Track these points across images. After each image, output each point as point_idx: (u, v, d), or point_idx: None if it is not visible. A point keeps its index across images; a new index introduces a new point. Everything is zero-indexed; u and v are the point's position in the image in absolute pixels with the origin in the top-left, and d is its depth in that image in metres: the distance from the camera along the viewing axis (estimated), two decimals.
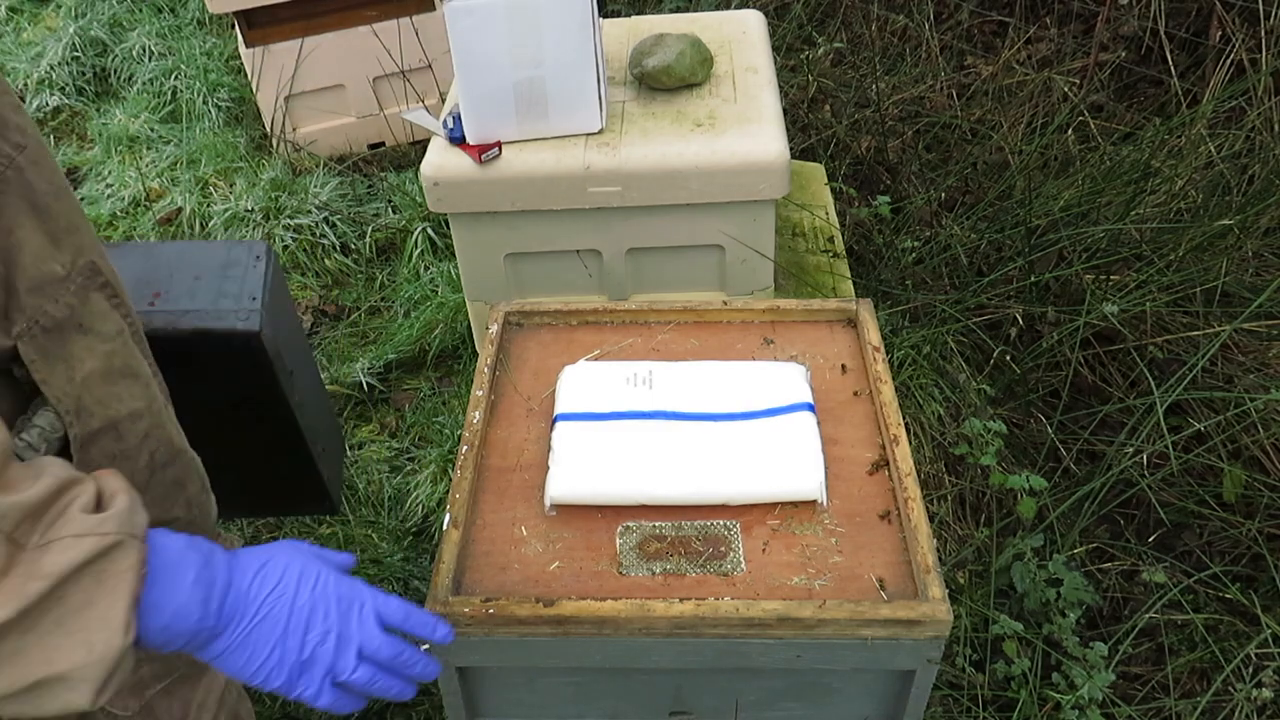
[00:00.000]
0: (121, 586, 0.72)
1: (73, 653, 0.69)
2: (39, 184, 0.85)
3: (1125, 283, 2.21)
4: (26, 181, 0.84)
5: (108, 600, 0.71)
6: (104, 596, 0.71)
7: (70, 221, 0.89)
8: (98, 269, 0.92)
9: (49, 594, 0.68)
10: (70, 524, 0.71)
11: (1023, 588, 1.77)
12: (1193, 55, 2.89)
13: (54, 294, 0.85)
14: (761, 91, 2.00)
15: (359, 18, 3.18)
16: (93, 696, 0.71)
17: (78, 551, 0.70)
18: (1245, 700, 1.62)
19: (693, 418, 1.28)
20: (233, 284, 1.29)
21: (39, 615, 0.68)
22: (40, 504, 0.70)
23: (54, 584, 0.68)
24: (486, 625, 1.10)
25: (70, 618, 0.69)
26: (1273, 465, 1.92)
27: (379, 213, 3.11)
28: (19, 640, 0.67)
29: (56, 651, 0.69)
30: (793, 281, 2.13)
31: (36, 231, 0.84)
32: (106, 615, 0.71)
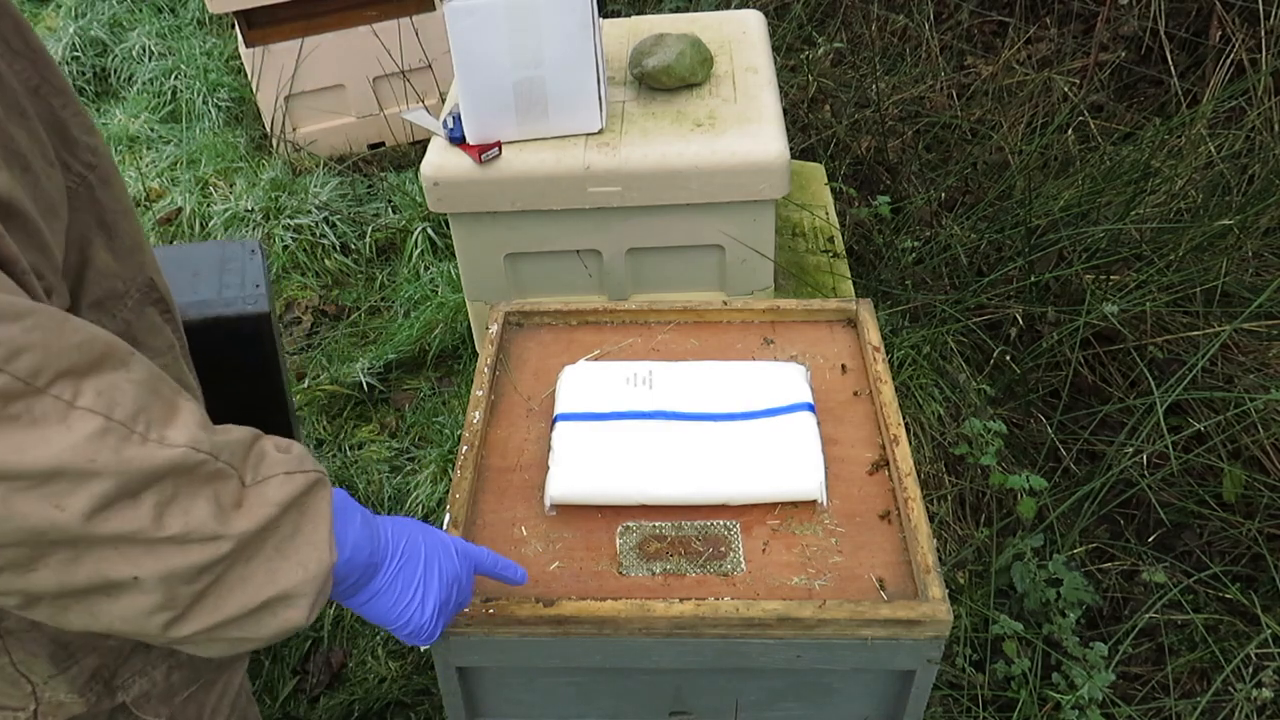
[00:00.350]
0: (322, 516, 0.80)
1: (291, 573, 0.77)
2: (108, 202, 0.89)
3: (1125, 283, 2.21)
4: (96, 200, 0.87)
5: (311, 526, 0.79)
6: (308, 524, 0.78)
7: (135, 240, 0.93)
8: (154, 285, 0.95)
9: (269, 523, 0.75)
10: (275, 463, 0.78)
11: (1023, 588, 1.77)
12: (1193, 55, 2.89)
13: (112, 309, 0.89)
14: (761, 91, 2.00)
15: (359, 18, 3.19)
16: (308, 611, 0.79)
17: (292, 486, 0.77)
18: (1245, 700, 1.62)
19: (693, 418, 1.28)
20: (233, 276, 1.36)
21: (261, 543, 0.75)
22: (247, 445, 0.77)
23: (279, 510, 0.76)
24: (486, 625, 1.10)
25: (285, 544, 0.77)
26: (1273, 465, 1.92)
27: (379, 213, 3.11)
28: (244, 567, 0.74)
29: (278, 573, 0.76)
30: (793, 281, 2.13)
31: (103, 249, 0.88)
32: (314, 539, 0.78)
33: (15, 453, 0.63)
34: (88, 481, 0.66)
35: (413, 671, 1.90)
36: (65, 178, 0.84)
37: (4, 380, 0.63)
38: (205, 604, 0.74)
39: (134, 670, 0.97)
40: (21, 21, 0.81)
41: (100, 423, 0.67)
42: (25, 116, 0.78)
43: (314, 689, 1.90)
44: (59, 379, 0.66)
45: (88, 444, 0.66)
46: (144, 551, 0.69)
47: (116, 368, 0.69)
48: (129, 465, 0.67)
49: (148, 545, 0.69)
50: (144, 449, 0.68)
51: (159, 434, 0.70)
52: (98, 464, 0.66)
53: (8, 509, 0.64)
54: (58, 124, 0.84)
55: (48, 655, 0.91)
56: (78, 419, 0.66)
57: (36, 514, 0.65)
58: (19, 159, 0.75)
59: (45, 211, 0.77)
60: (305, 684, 1.90)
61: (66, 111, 0.85)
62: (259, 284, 1.36)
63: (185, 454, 0.70)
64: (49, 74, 0.83)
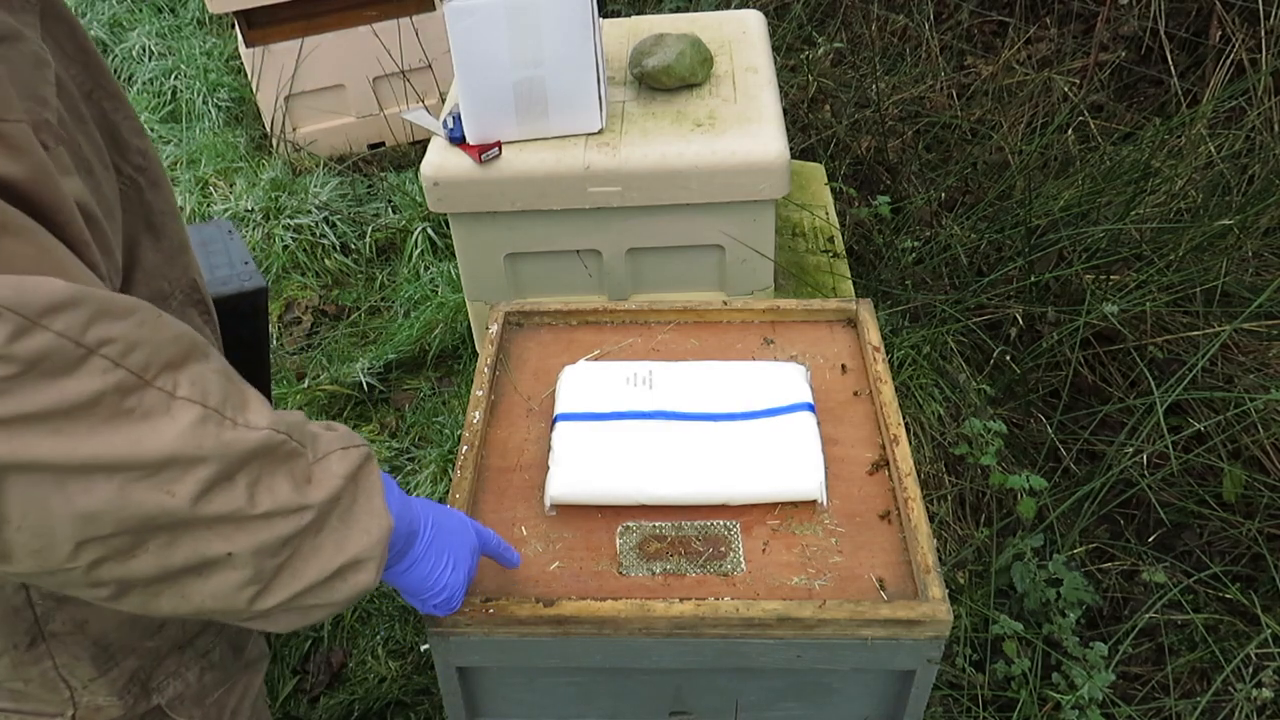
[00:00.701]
0: (376, 486, 0.85)
1: (358, 539, 0.81)
2: (156, 204, 0.91)
3: (1125, 283, 2.21)
4: (145, 201, 0.90)
5: (367, 496, 0.83)
6: (364, 495, 0.83)
7: (180, 240, 0.95)
8: (196, 286, 0.98)
9: (337, 494, 0.80)
10: (330, 440, 0.82)
11: (1023, 588, 1.77)
12: (1193, 55, 2.89)
13: None
14: (761, 91, 2.00)
15: (359, 18, 3.19)
16: (376, 573, 0.84)
17: (350, 460, 0.82)
18: (1245, 700, 1.62)
19: (693, 418, 1.28)
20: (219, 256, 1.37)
21: (328, 514, 0.79)
22: (302, 423, 0.81)
23: (344, 481, 0.80)
24: (486, 625, 1.10)
25: (348, 514, 0.81)
26: (1273, 465, 1.92)
27: (379, 213, 3.11)
28: (316, 538, 0.79)
29: (346, 541, 0.81)
30: (793, 281, 2.13)
31: (151, 249, 0.91)
32: (371, 508, 0.83)
33: (132, 445, 0.67)
34: (195, 467, 0.70)
35: (413, 671, 1.90)
36: (117, 180, 0.86)
37: (121, 375, 0.66)
38: (285, 575, 0.77)
39: (168, 672, 1.00)
40: (76, 26, 0.83)
41: (199, 410, 0.70)
42: (83, 121, 0.81)
43: (314, 689, 1.90)
44: (162, 372, 0.69)
45: (192, 431, 0.69)
46: (237, 529, 0.73)
47: (201, 359, 0.73)
48: (228, 449, 0.71)
49: (242, 523, 0.73)
50: (235, 432, 0.72)
51: (244, 418, 0.73)
52: (204, 449, 0.70)
53: (124, 498, 0.67)
54: (110, 127, 0.86)
55: (90, 658, 0.92)
56: (179, 409, 0.69)
57: (150, 501, 0.68)
58: (84, 163, 0.78)
59: (106, 215, 0.80)
60: (305, 684, 1.91)
61: (118, 115, 0.87)
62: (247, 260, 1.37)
63: (269, 435, 0.75)
64: (102, 78, 0.85)
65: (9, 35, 0.70)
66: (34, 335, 0.62)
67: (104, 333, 0.65)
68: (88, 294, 0.65)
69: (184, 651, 1.00)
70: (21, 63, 0.70)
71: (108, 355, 0.66)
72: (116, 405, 0.66)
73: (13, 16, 0.72)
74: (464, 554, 1.00)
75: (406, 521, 0.92)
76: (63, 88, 0.77)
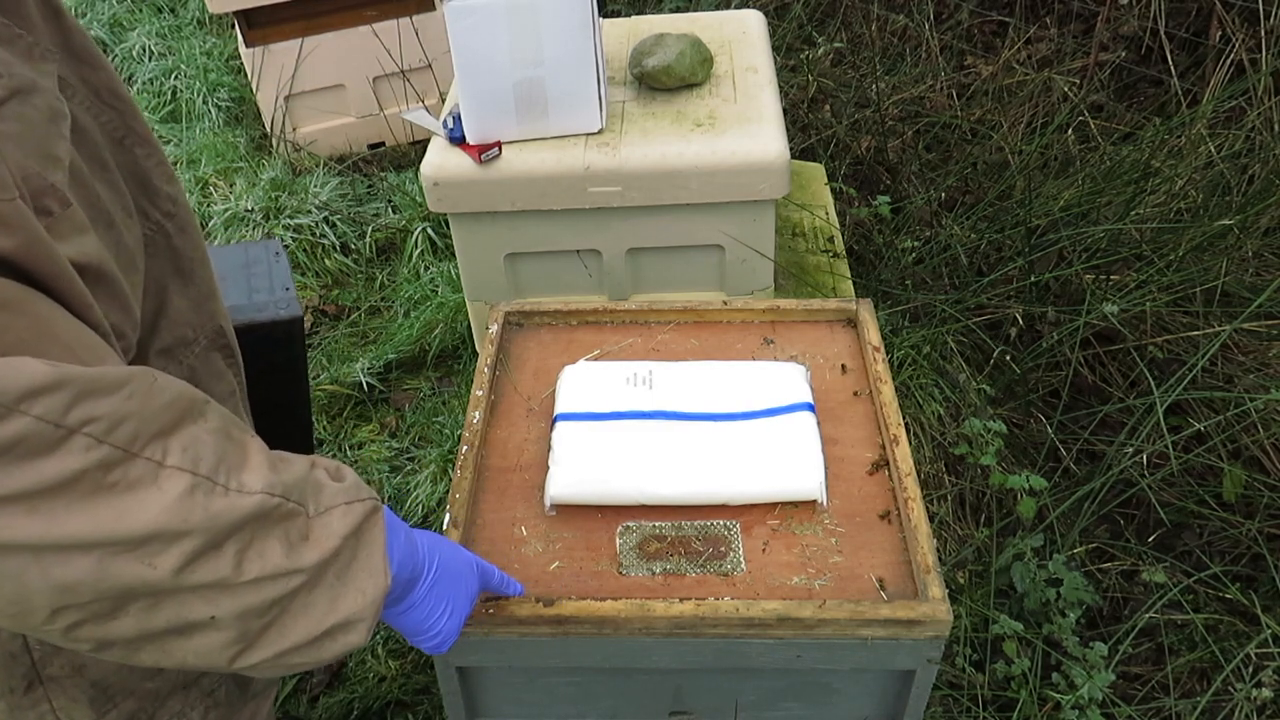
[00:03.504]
0: (378, 543, 0.82)
1: (352, 599, 0.79)
2: (185, 250, 0.91)
3: (1125, 283, 2.21)
4: (174, 248, 0.90)
5: (368, 554, 0.81)
6: (364, 552, 0.81)
7: (208, 287, 0.95)
8: (222, 331, 0.97)
9: (333, 554, 0.78)
10: (334, 494, 0.80)
11: (1023, 588, 1.77)
12: (1193, 55, 2.89)
13: (180, 356, 0.91)
14: (761, 91, 2.00)
15: (359, 18, 3.18)
16: (366, 635, 0.82)
17: (352, 517, 0.80)
18: (1245, 700, 1.62)
19: (693, 418, 1.28)
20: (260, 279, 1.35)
21: (324, 572, 0.77)
22: (306, 477, 0.79)
23: (341, 541, 0.78)
24: (486, 625, 1.10)
25: (344, 571, 0.79)
26: (1273, 465, 1.92)
27: (379, 213, 3.11)
28: (308, 596, 0.76)
29: (339, 600, 0.79)
30: (793, 281, 2.13)
31: (179, 295, 0.90)
32: (370, 566, 0.81)
33: (116, 520, 0.66)
34: (179, 540, 0.68)
35: (413, 671, 1.90)
36: (143, 225, 0.85)
37: (105, 452, 0.65)
38: (271, 634, 0.76)
39: (172, 712, 0.98)
40: (113, 73, 0.83)
41: (188, 480, 0.69)
42: (106, 169, 0.80)
43: (314, 688, 1.90)
44: (151, 441, 0.68)
45: (179, 504, 0.68)
46: (224, 594, 0.72)
47: (196, 419, 0.71)
48: (216, 520, 0.70)
49: (228, 589, 0.72)
50: (227, 500, 0.71)
51: (238, 482, 0.72)
52: (190, 522, 0.68)
53: (102, 571, 0.66)
54: (140, 173, 0.85)
55: (88, 700, 0.92)
56: (167, 478, 0.68)
57: (130, 573, 0.67)
58: (103, 216, 0.77)
59: (126, 266, 0.79)
60: (305, 683, 1.90)
61: (150, 161, 0.87)
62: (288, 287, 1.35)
63: (263, 500, 0.73)
64: (135, 124, 0.85)
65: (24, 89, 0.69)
66: (10, 421, 0.61)
67: (88, 412, 0.64)
68: (70, 375, 0.64)
69: (188, 691, 0.99)
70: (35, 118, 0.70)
71: (91, 434, 0.65)
72: (99, 481, 0.65)
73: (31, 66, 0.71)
74: (463, 601, 0.98)
75: (409, 567, 0.90)
76: (87, 135, 0.77)
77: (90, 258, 0.72)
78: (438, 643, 0.97)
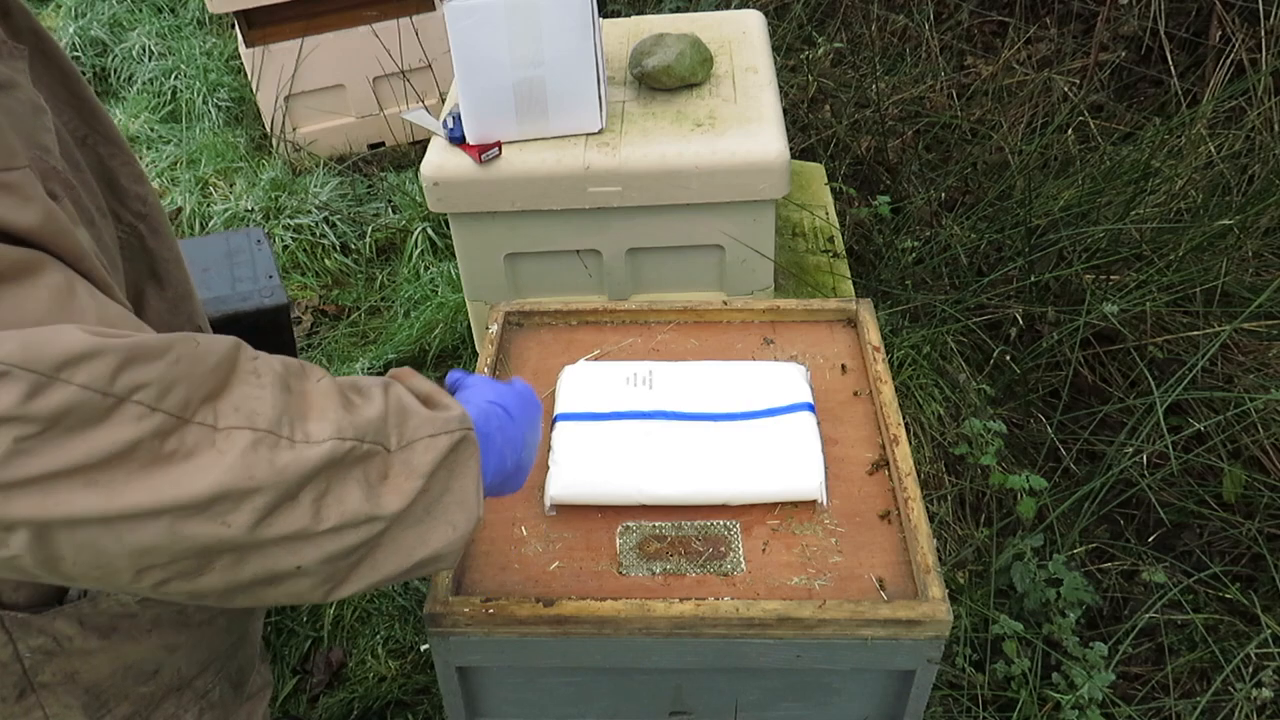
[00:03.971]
0: (470, 473, 0.79)
1: (443, 534, 0.78)
2: (159, 251, 0.89)
3: (1125, 283, 2.21)
4: (148, 249, 0.88)
5: (460, 484, 0.78)
6: (457, 482, 0.78)
7: (186, 288, 0.93)
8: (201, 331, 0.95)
9: (419, 494, 0.75)
10: (421, 424, 0.77)
11: (1023, 588, 1.77)
12: (1193, 55, 2.89)
13: None
14: (761, 91, 2.00)
15: (359, 18, 3.18)
16: (455, 563, 0.81)
17: (438, 450, 0.77)
18: (1245, 700, 1.62)
19: (693, 418, 1.28)
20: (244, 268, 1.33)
21: (407, 514, 0.75)
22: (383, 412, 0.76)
23: (425, 479, 0.75)
24: (486, 625, 1.10)
25: (435, 505, 0.77)
26: (1273, 465, 1.92)
27: (379, 213, 3.11)
28: (398, 532, 0.75)
29: (430, 534, 0.77)
30: (793, 281, 2.13)
31: (155, 298, 0.88)
32: (463, 499, 0.79)
33: (174, 487, 0.64)
34: (250, 497, 0.67)
35: (413, 671, 1.90)
36: (116, 228, 0.83)
37: (159, 420, 0.64)
38: (361, 570, 0.75)
39: (166, 715, 0.98)
40: (70, 71, 0.80)
41: (249, 437, 0.67)
42: (78, 168, 0.78)
43: (314, 688, 1.90)
44: (203, 405, 0.66)
45: (242, 461, 0.66)
46: (305, 543, 0.71)
47: (248, 377, 0.70)
48: (285, 473, 0.68)
49: (310, 539, 0.71)
50: (294, 452, 0.69)
51: (303, 432, 0.70)
52: (257, 479, 0.67)
53: (174, 535, 0.65)
54: (107, 174, 0.84)
55: (81, 706, 0.91)
56: (225, 439, 0.66)
57: (205, 533, 0.66)
58: (85, 212, 0.75)
59: (109, 266, 0.77)
60: (305, 683, 1.90)
61: (115, 161, 0.85)
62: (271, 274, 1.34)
63: (333, 447, 0.71)
64: (96, 124, 0.82)
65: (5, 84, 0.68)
66: (53, 390, 0.59)
67: (135, 379, 0.63)
68: (111, 342, 0.62)
69: (181, 693, 0.98)
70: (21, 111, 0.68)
71: (142, 401, 0.63)
72: (156, 450, 0.64)
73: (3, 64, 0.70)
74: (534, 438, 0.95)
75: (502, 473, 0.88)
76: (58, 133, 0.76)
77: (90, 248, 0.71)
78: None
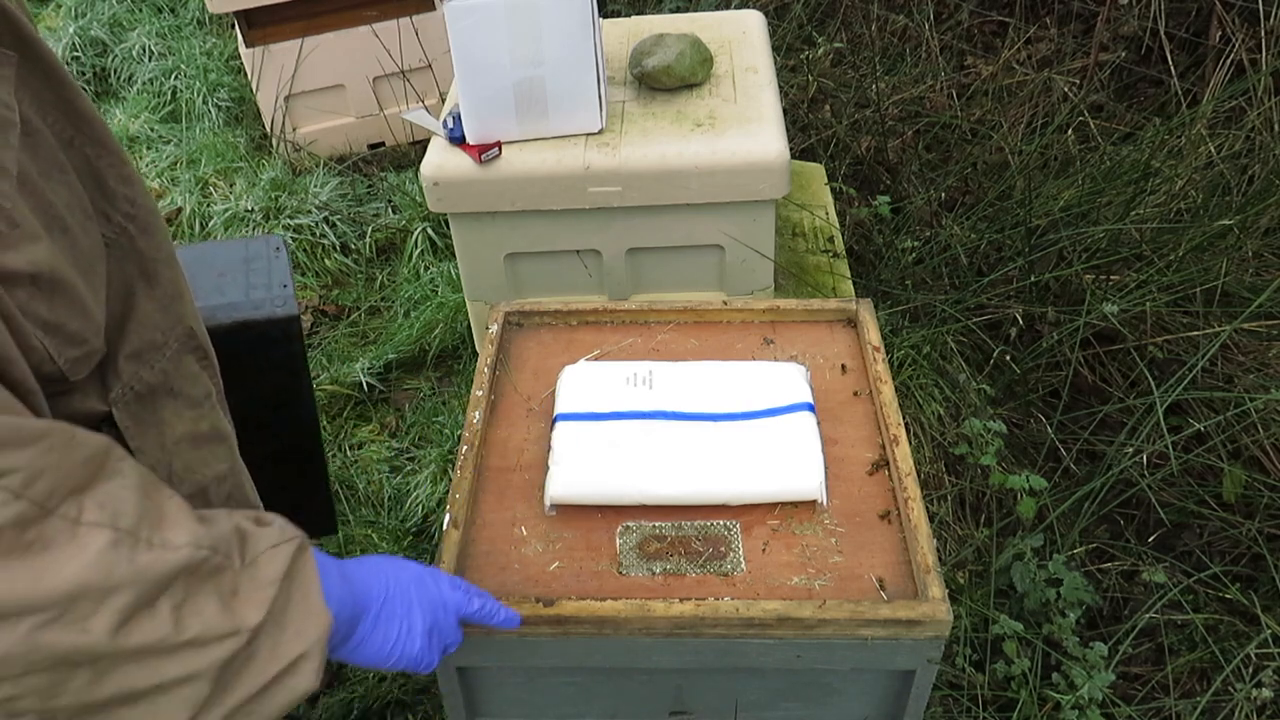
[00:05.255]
0: (311, 581, 0.79)
1: (293, 644, 0.76)
2: (149, 251, 0.88)
3: (1125, 283, 2.21)
4: (138, 250, 0.86)
5: (302, 594, 0.78)
6: (298, 593, 0.78)
7: (177, 288, 0.92)
8: (193, 333, 0.94)
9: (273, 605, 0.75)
10: (259, 541, 0.77)
11: (1023, 588, 1.77)
12: (1193, 55, 2.89)
13: (151, 360, 0.87)
14: (761, 91, 2.00)
15: (359, 18, 3.18)
16: (315, 677, 0.78)
17: (281, 560, 0.77)
18: (1245, 700, 1.62)
19: (693, 418, 1.28)
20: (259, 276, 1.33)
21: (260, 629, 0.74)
22: (231, 529, 0.76)
23: (276, 591, 0.75)
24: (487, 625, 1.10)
25: (281, 616, 0.76)
26: (1273, 465, 1.92)
27: (379, 213, 3.11)
28: (250, 648, 0.74)
29: (280, 647, 0.76)
30: (793, 281, 2.13)
31: (146, 298, 0.87)
32: (307, 606, 0.78)
33: (34, 582, 0.62)
34: (109, 596, 0.65)
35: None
36: (104, 228, 0.82)
37: (21, 507, 0.62)
38: (224, 693, 0.73)
39: None
40: (55, 71, 0.79)
41: (109, 535, 0.66)
42: (64, 170, 0.77)
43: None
44: (67, 498, 0.65)
45: (101, 558, 0.65)
46: (166, 658, 0.69)
47: (113, 476, 0.68)
48: (144, 573, 0.67)
49: (170, 652, 0.69)
50: (153, 554, 0.68)
51: (161, 538, 0.69)
52: (116, 576, 0.65)
53: (33, 644, 0.63)
54: (95, 175, 0.83)
55: None
56: (86, 534, 0.65)
57: (64, 641, 0.64)
58: (58, 221, 0.74)
59: (85, 271, 0.76)
60: None
61: (103, 162, 0.84)
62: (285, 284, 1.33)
63: (190, 554, 0.70)
64: (84, 125, 0.81)
65: None
66: None
67: (6, 463, 0.61)
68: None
69: None
70: None
71: (7, 487, 0.61)
72: (15, 540, 0.61)
73: None
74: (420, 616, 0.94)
75: (350, 606, 0.87)
76: (41, 136, 0.75)
77: (41, 266, 0.70)
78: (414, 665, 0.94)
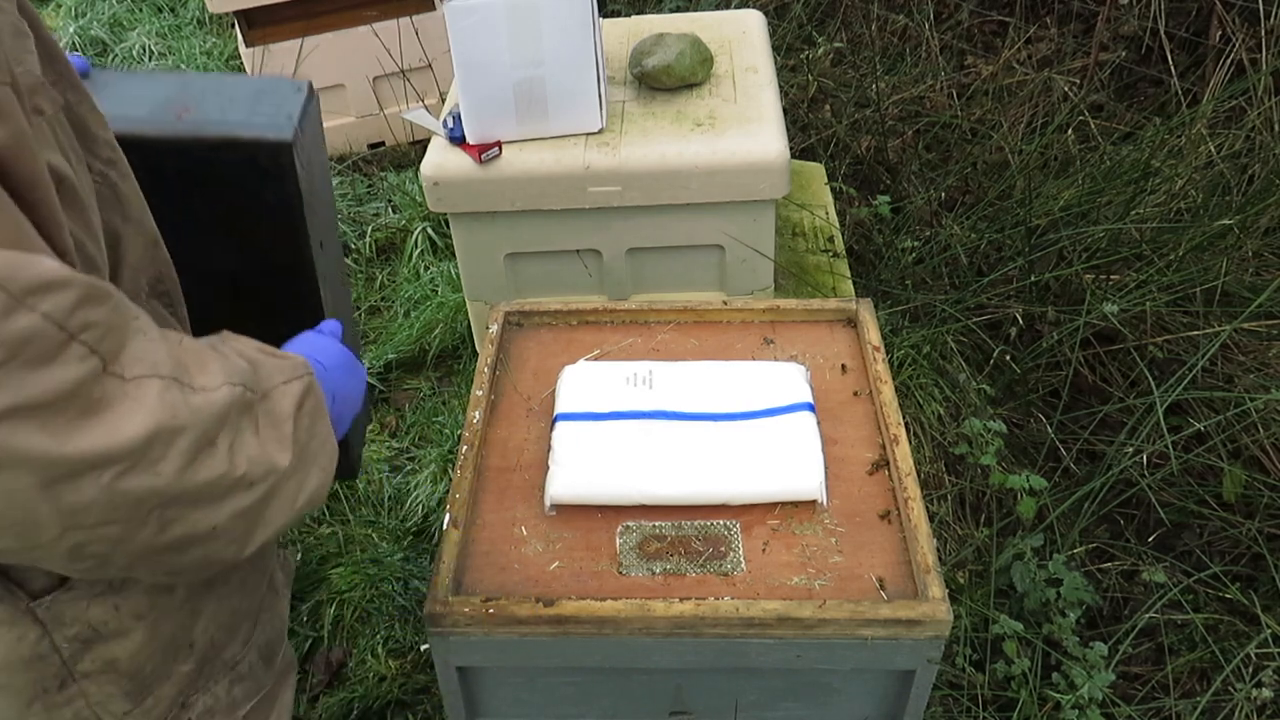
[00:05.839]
0: (321, 413, 0.82)
1: (316, 477, 0.81)
2: (130, 196, 0.88)
3: (1125, 283, 2.21)
4: (121, 195, 0.87)
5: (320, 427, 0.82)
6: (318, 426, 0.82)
7: (152, 234, 0.92)
8: (162, 277, 0.94)
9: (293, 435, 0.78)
10: (271, 372, 0.79)
11: (1023, 588, 1.77)
12: (1193, 55, 2.89)
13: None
14: (761, 91, 2.00)
15: (359, 18, 3.18)
16: (325, 497, 0.84)
17: (293, 396, 0.79)
18: (1245, 700, 1.62)
19: (693, 418, 1.29)
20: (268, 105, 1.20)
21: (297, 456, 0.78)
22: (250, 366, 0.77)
23: (292, 425, 0.78)
24: (486, 625, 1.10)
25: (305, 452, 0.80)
26: (1273, 465, 1.92)
27: (379, 213, 3.11)
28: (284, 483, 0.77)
29: (306, 482, 0.80)
30: (793, 281, 2.13)
31: (133, 238, 0.88)
32: (323, 439, 0.82)
33: (112, 433, 0.64)
34: (176, 438, 0.67)
35: (413, 671, 1.89)
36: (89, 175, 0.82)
37: (94, 363, 0.64)
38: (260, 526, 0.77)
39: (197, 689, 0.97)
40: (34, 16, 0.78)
41: (158, 383, 0.67)
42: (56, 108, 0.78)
43: (314, 688, 1.90)
44: (120, 354, 0.66)
45: (160, 403, 0.67)
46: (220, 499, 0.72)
47: (137, 334, 0.70)
48: (201, 414, 0.69)
49: (224, 493, 0.72)
50: (201, 396, 0.70)
51: (200, 381, 0.71)
52: (180, 417, 0.67)
53: (112, 492, 0.65)
54: (77, 119, 0.83)
55: (123, 693, 0.90)
56: (136, 388, 0.66)
57: (138, 486, 0.66)
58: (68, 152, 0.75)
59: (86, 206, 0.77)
60: (305, 683, 1.90)
61: (83, 107, 0.84)
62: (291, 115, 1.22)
63: (229, 392, 0.72)
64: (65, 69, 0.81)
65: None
66: (18, 315, 0.59)
67: (87, 317, 0.63)
68: (76, 276, 0.62)
69: (213, 664, 0.98)
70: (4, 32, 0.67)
71: (86, 341, 0.63)
72: (89, 395, 0.63)
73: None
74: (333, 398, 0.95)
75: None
76: None
77: (63, 169, 0.70)
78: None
